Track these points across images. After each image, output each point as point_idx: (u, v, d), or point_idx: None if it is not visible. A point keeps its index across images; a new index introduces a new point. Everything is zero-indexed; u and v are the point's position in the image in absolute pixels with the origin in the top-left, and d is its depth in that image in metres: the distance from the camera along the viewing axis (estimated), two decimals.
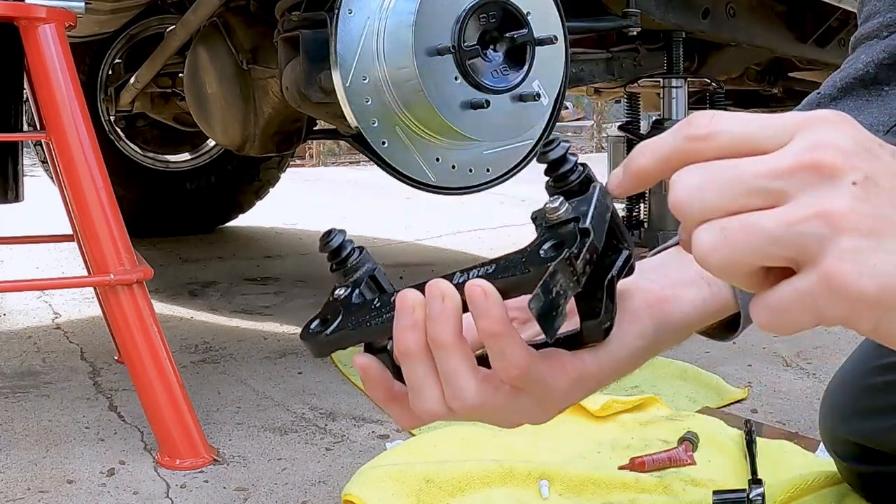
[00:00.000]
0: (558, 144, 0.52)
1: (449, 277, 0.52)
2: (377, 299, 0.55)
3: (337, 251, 0.58)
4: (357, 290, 0.57)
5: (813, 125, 0.39)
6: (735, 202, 0.38)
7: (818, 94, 0.76)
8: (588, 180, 0.52)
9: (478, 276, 0.50)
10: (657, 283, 0.57)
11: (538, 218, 0.51)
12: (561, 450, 1.20)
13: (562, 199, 0.50)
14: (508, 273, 0.49)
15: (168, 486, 1.16)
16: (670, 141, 0.42)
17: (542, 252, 0.49)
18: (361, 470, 1.08)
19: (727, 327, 0.63)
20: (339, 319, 0.55)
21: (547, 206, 0.50)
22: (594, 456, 1.17)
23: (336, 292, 0.57)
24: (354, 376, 1.61)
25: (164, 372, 1.23)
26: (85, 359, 1.75)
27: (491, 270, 0.50)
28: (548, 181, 0.52)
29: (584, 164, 0.52)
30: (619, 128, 2.48)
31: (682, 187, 0.39)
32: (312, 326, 0.57)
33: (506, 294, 0.49)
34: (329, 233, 0.58)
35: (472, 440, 1.21)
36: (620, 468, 1.10)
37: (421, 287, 0.52)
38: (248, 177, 3.35)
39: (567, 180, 0.51)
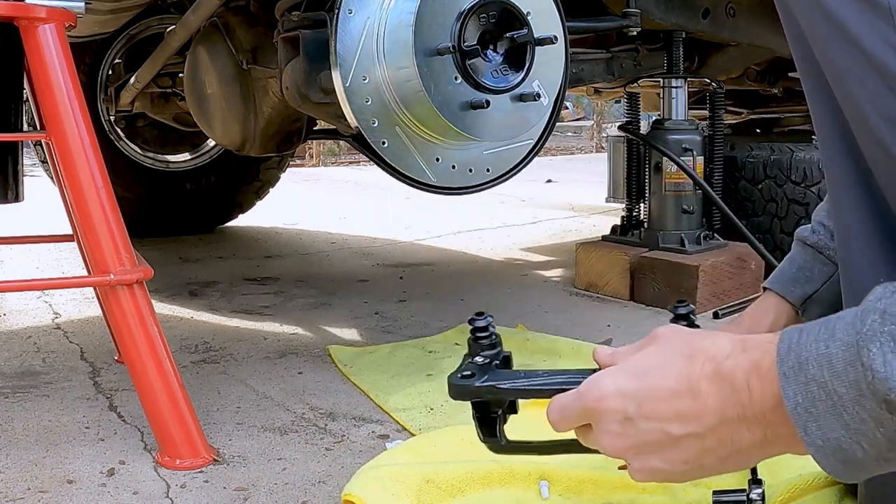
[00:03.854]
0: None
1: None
2: (523, 374, 0.79)
3: (484, 329, 0.83)
4: (495, 363, 0.81)
5: None
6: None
7: None
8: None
9: None
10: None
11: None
12: None
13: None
14: None
15: (168, 486, 1.16)
16: None
17: None
18: (361, 470, 1.08)
19: None
20: (486, 377, 0.78)
21: None
22: (594, 456, 1.17)
23: (475, 358, 0.81)
24: (354, 376, 1.61)
25: (164, 372, 1.23)
26: (85, 359, 1.75)
27: None
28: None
29: None
30: (619, 128, 2.47)
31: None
32: (463, 374, 0.79)
33: None
34: (481, 314, 0.83)
35: (472, 440, 1.20)
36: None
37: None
38: (248, 177, 3.36)
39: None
